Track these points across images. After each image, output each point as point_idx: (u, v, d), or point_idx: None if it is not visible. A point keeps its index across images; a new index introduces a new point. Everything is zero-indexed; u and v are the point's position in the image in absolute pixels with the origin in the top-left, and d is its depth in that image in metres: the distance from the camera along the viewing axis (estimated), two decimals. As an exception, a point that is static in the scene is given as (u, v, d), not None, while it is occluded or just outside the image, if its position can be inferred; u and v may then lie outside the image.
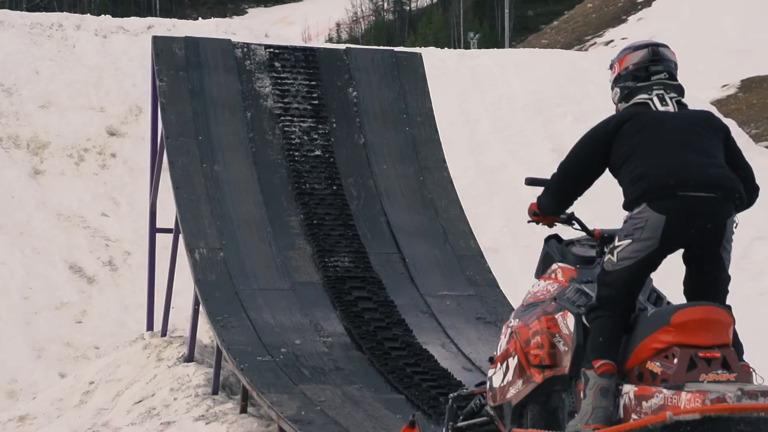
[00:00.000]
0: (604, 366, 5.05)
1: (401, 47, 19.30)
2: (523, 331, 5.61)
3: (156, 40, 10.13)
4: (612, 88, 5.42)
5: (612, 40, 53.44)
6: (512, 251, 14.21)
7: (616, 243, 5.16)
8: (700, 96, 25.12)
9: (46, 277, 11.99)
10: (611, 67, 5.45)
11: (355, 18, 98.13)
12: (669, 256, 5.01)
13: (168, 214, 9.68)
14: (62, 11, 18.16)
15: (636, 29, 54.14)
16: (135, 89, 14.56)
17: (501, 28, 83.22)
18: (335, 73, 10.31)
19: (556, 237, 5.94)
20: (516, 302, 6.36)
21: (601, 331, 5.20)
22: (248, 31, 16.81)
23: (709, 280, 5.12)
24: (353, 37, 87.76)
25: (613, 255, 5.18)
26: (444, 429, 6.20)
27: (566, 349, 5.40)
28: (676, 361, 4.82)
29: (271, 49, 10.43)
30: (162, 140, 9.67)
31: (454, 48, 67.43)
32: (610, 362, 5.05)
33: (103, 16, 16.60)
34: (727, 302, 5.04)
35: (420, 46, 27.86)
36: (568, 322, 5.42)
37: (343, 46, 11.09)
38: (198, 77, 9.93)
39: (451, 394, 6.23)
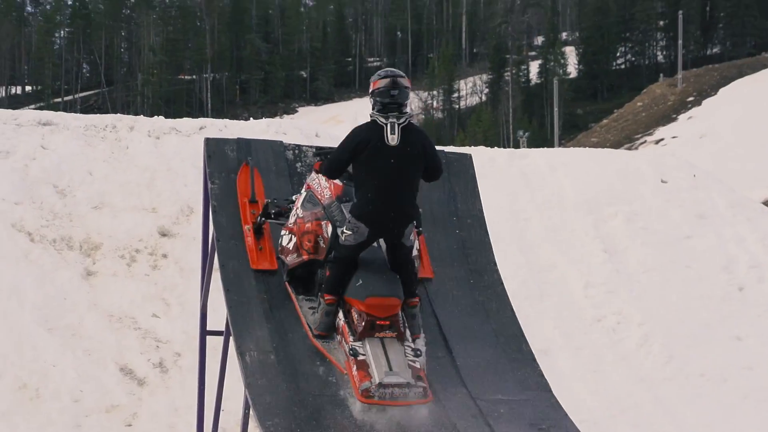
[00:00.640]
0: (330, 299, 8.33)
1: (451, 146, 19.33)
2: (302, 225, 8.86)
3: (208, 141, 10.17)
4: (369, 97, 8.25)
5: (662, 139, 53.38)
6: (563, 352, 14.08)
7: (345, 229, 8.27)
8: (751, 195, 24.99)
9: (97, 379, 11.98)
10: (370, 84, 8.24)
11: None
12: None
13: (219, 315, 9.65)
14: (116, 112, 18.36)
15: (686, 127, 54.09)
16: (186, 189, 14.65)
17: (550, 126, 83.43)
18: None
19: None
20: (567, 404, 7.93)
21: (333, 276, 8.37)
22: (299, 131, 16.92)
23: (399, 261, 8.35)
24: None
25: (342, 235, 8.31)
26: (259, 218, 9.31)
27: (324, 246, 8.68)
28: (363, 323, 8.14)
29: (322, 151, 10.44)
30: (213, 242, 9.68)
31: (504, 146, 67.65)
32: (334, 297, 8.31)
33: (156, 117, 16.78)
34: None
35: (469, 145, 27.91)
36: (328, 229, 8.66)
37: (393, 147, 11.07)
38: (250, 178, 9.94)
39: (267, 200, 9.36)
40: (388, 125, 8.08)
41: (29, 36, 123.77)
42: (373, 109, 8.19)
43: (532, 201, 16.94)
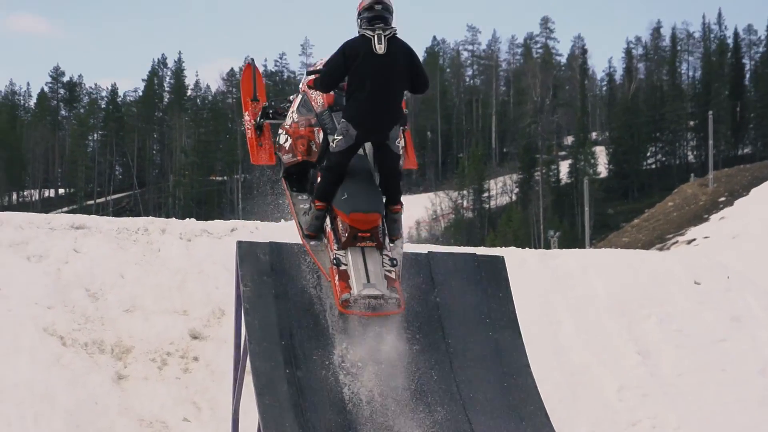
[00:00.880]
0: (319, 205, 9.46)
1: (482, 247, 19.29)
2: (296, 129, 9.98)
3: (240, 245, 10.19)
4: (356, 20, 9.21)
5: (694, 239, 53.18)
6: (598, 457, 13.91)
7: (335, 136, 9.31)
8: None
9: (127, 486, 11.89)
10: (357, 6, 9.19)
11: (434, 216, 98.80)
12: None
13: (251, 420, 9.60)
14: (148, 214, 18.45)
15: (718, 227, 53.88)
16: (218, 292, 14.65)
17: (581, 226, 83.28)
18: (418, 277, 10.29)
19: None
20: None
21: (323, 184, 9.44)
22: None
23: (386, 169, 9.45)
24: (433, 235, 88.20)
25: (333, 142, 9.34)
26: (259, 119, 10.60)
27: (316, 150, 9.82)
28: (347, 234, 9.27)
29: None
30: (245, 345, 9.65)
31: (535, 246, 67.50)
32: (323, 203, 9.44)
33: (187, 219, 16.85)
34: None
35: (500, 245, 27.83)
36: (320, 135, 9.77)
37: (425, 250, 11.08)
38: (282, 282, 9.94)
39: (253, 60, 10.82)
40: (375, 36, 9.15)
41: (63, 139, 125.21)
42: (360, 27, 9.28)
43: (564, 302, 16.84)
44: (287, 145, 10.15)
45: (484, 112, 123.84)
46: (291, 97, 10.44)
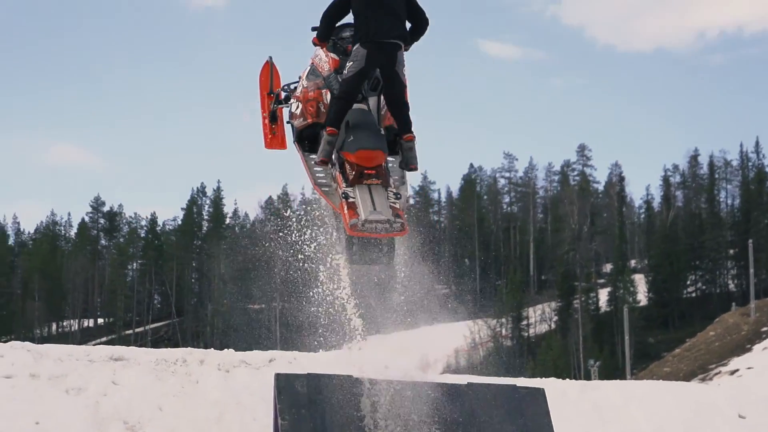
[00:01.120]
0: (331, 130, 10.34)
1: (522, 378, 19.12)
2: (306, 93, 11.06)
3: (278, 377, 10.16)
4: None
5: (737, 369, 52.51)
6: None
7: (348, 63, 10.37)
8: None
9: None
10: None
11: (473, 344, 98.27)
12: None
13: None
14: (186, 343, 18.42)
15: (762, 358, 53.23)
16: (255, 424, 14.55)
17: (621, 355, 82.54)
18: (457, 408, 10.19)
19: (337, 28, 10.97)
20: None
21: (335, 110, 10.38)
22: (369, 363, 16.83)
23: (395, 97, 10.45)
24: (471, 364, 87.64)
25: (345, 69, 10.40)
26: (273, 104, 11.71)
27: (324, 110, 10.79)
28: (354, 172, 10.16)
29: (393, 386, 10.38)
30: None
31: (574, 375, 66.77)
32: (335, 129, 10.33)
33: (225, 350, 16.83)
34: None
35: (540, 375, 27.54)
36: (328, 96, 10.82)
37: (464, 381, 10.98)
38: (320, 415, 9.89)
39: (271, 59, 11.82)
40: None
41: (103, 269, 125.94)
42: None
43: (606, 435, 16.62)
44: (298, 111, 11.24)
45: (522, 239, 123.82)
46: (300, 74, 11.45)
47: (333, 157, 10.48)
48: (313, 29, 11.04)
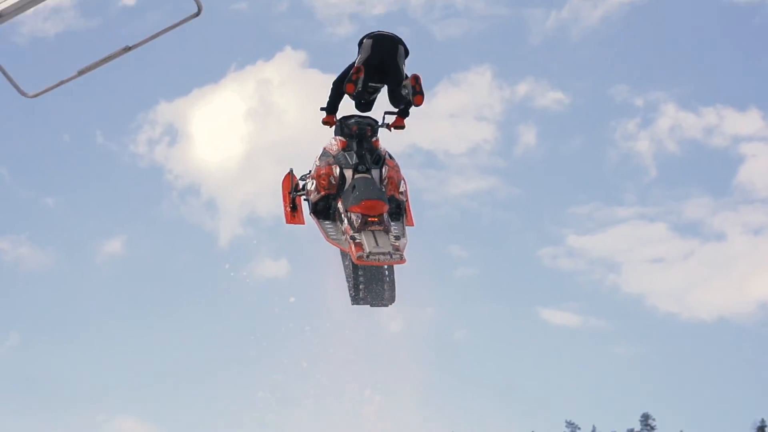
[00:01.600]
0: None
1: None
2: (318, 170, 13.13)
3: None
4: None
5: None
6: None
7: (357, 57, 12.97)
8: None
9: None
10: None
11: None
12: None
13: None
14: None
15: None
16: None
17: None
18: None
19: (343, 118, 13.32)
20: None
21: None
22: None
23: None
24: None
25: (355, 61, 12.92)
26: (291, 193, 13.69)
27: (335, 182, 12.90)
28: (359, 220, 12.29)
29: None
30: None
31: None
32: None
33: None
34: None
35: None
36: (337, 170, 12.92)
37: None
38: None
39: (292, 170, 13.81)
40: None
41: None
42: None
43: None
44: (312, 187, 13.35)
45: None
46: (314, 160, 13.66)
47: (341, 213, 12.77)
48: (322, 109, 13.38)
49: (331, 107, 13.23)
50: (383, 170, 13.06)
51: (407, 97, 12.96)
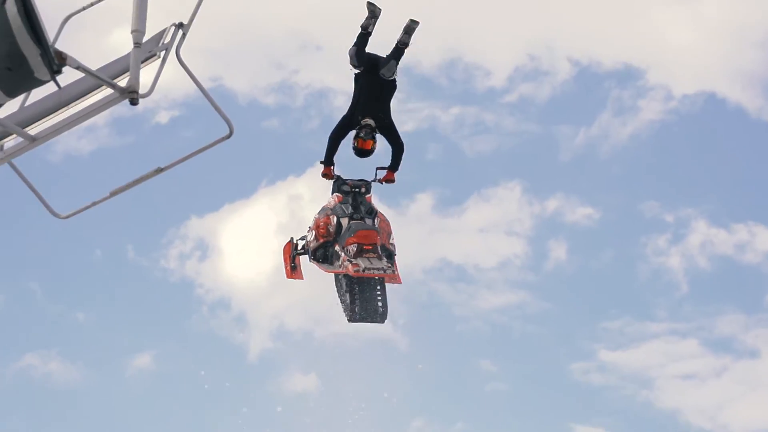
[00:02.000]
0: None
1: None
2: (318, 221, 14.67)
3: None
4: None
5: None
6: None
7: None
8: None
9: None
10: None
11: None
12: None
13: None
14: None
15: None
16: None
17: None
18: None
19: (339, 178, 14.89)
20: None
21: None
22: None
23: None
24: None
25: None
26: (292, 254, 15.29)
27: (332, 231, 14.50)
28: (355, 249, 14.15)
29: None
30: None
31: None
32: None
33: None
34: None
35: None
36: (334, 219, 14.46)
37: None
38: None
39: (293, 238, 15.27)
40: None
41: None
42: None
43: None
44: (312, 237, 15.02)
45: None
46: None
47: (339, 251, 14.50)
48: (321, 163, 14.92)
49: (328, 160, 14.79)
50: (375, 221, 14.78)
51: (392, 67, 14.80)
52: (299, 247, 15.23)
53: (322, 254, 14.80)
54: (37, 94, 6.26)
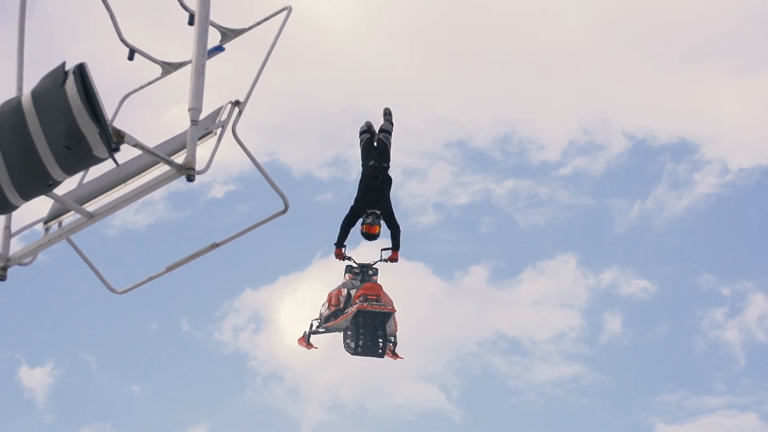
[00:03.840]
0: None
1: None
2: (331, 294, 18.63)
3: None
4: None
5: None
6: None
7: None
8: None
9: None
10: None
11: None
12: None
13: None
14: None
15: None
16: None
17: None
18: None
19: (350, 259, 18.33)
20: None
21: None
22: None
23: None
24: None
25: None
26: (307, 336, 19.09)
27: (343, 300, 18.16)
28: (362, 298, 17.87)
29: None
30: None
31: None
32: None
33: None
34: None
35: None
36: (345, 291, 18.43)
37: None
38: None
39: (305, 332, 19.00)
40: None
41: None
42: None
43: None
44: (325, 308, 18.45)
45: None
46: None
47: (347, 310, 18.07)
48: (335, 245, 17.73)
49: (340, 243, 17.84)
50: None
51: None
52: (313, 327, 18.73)
53: (333, 315, 18.28)
54: (95, 171, 6.33)
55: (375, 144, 17.81)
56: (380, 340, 17.98)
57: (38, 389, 32.50)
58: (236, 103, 6.26)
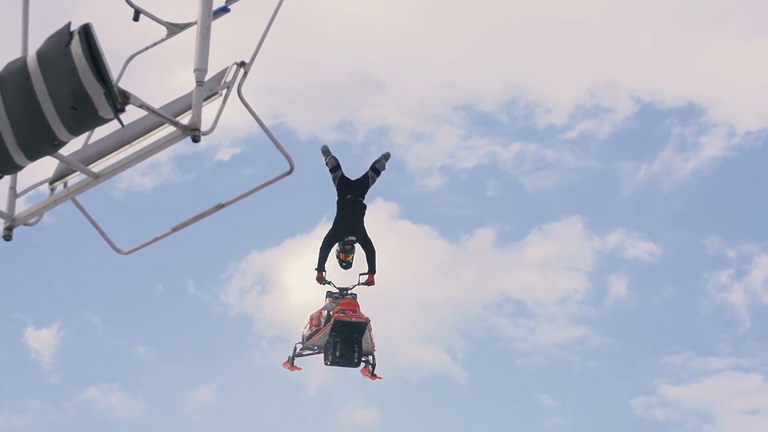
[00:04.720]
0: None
1: None
2: (312, 315, 19.16)
3: None
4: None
5: None
6: None
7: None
8: None
9: None
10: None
11: None
12: None
13: None
14: None
15: None
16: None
17: None
18: None
19: (330, 283, 18.88)
20: None
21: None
22: None
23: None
24: None
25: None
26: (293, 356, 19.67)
27: (323, 321, 18.81)
28: (339, 311, 18.54)
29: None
30: None
31: None
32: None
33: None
34: None
35: None
36: (325, 314, 18.87)
37: None
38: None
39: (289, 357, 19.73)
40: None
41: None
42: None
43: None
44: (307, 329, 19.24)
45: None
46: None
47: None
48: (315, 269, 18.62)
49: (321, 266, 18.59)
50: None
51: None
52: (296, 350, 19.54)
53: (314, 333, 19.08)
54: (101, 132, 6.34)
55: (351, 179, 18.69)
56: (356, 351, 18.76)
57: (44, 350, 32.59)
58: (242, 64, 6.26)
